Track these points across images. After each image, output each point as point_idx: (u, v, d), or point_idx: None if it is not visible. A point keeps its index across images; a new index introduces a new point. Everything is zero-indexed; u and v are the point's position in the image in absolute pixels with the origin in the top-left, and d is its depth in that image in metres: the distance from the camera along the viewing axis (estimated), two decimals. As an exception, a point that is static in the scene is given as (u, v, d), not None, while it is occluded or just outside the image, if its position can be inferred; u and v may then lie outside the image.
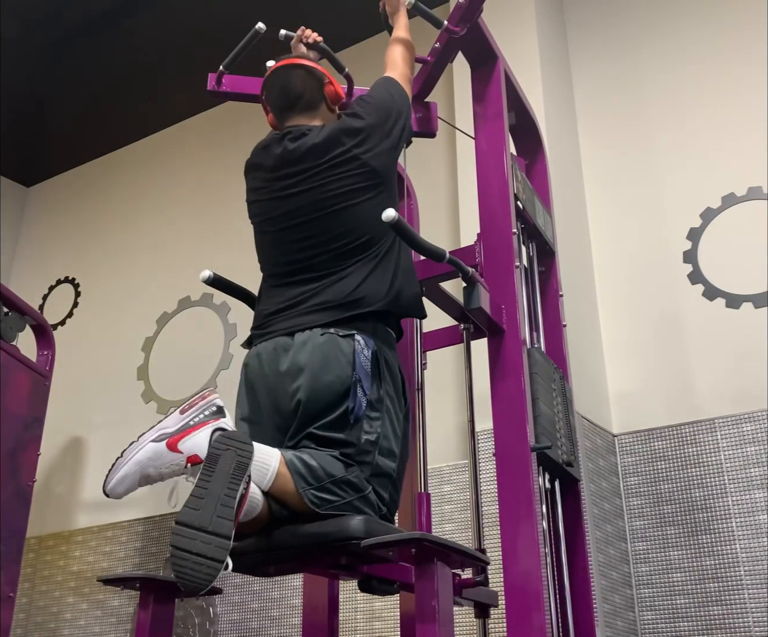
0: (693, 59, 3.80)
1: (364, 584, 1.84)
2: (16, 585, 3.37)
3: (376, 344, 1.77)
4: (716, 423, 3.19)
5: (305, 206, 1.86)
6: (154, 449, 1.48)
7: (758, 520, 3.01)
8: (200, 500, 1.40)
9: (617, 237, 3.70)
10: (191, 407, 1.55)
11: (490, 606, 2.14)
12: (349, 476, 1.64)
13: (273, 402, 1.77)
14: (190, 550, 1.36)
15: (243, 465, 1.45)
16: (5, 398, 3.40)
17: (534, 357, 2.10)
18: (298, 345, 1.74)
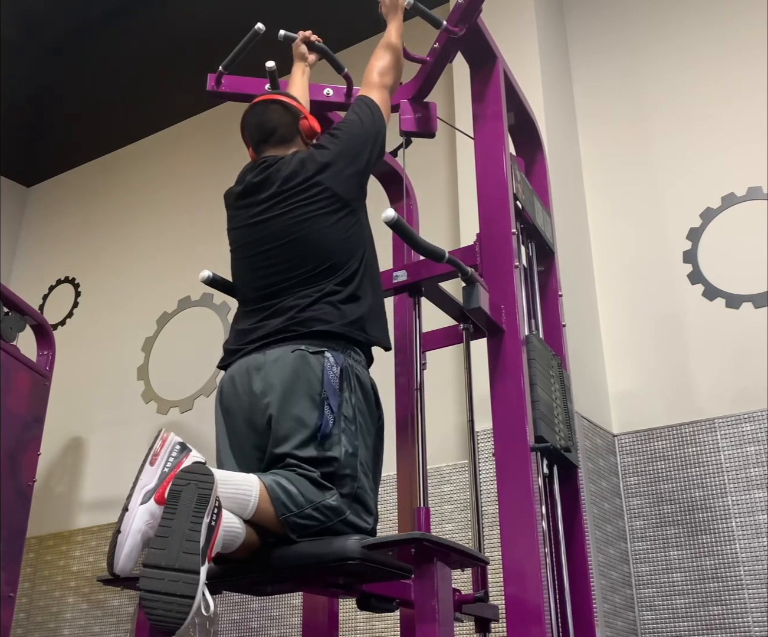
0: (693, 59, 3.80)
1: (363, 603, 1.84)
2: (17, 585, 3.37)
3: (346, 361, 1.79)
4: (716, 423, 3.19)
5: (273, 233, 1.92)
6: (147, 510, 1.48)
7: (758, 520, 3.00)
8: (165, 539, 1.40)
9: (617, 237, 3.70)
10: (157, 455, 1.55)
11: (491, 621, 2.14)
12: (329, 499, 1.65)
13: (248, 421, 1.79)
14: (158, 590, 1.35)
15: (205, 497, 1.44)
16: (5, 398, 3.40)
17: (532, 343, 2.11)
18: (270, 363, 1.77)
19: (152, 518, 1.47)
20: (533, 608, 1.81)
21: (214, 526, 1.45)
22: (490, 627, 2.16)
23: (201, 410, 4.45)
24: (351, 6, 4.43)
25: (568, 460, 2.21)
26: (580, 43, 4.12)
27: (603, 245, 3.73)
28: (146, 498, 1.49)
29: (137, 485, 1.50)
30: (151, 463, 1.54)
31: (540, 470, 2.08)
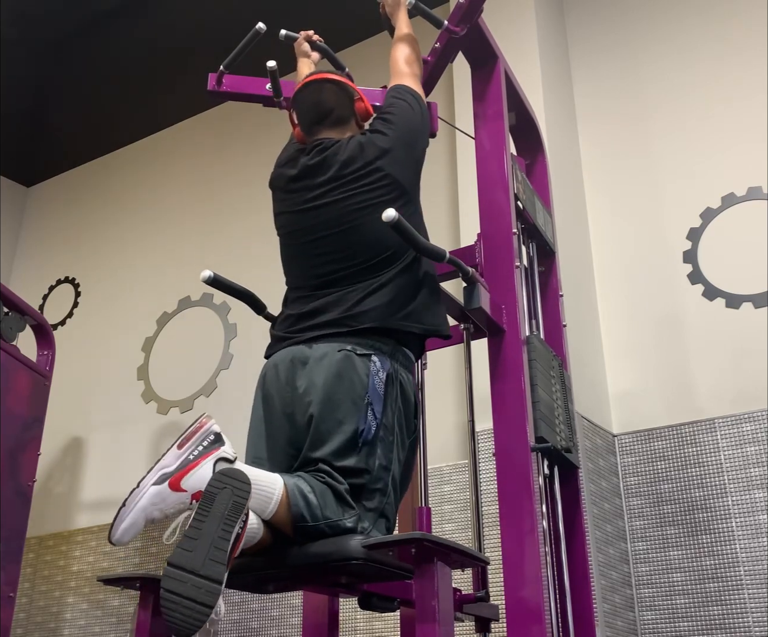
0: (693, 59, 3.80)
1: (364, 602, 1.83)
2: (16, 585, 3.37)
3: (393, 366, 1.74)
4: (716, 423, 3.19)
5: (329, 220, 1.85)
6: (157, 492, 1.44)
7: (758, 520, 3.01)
8: (193, 541, 1.37)
9: (617, 237, 3.70)
10: (188, 439, 1.50)
11: (491, 621, 2.13)
12: (347, 521, 1.61)
13: (287, 414, 1.75)
14: (180, 593, 1.33)
15: (239, 506, 1.41)
16: (5, 398, 3.40)
17: (533, 344, 2.10)
18: (315, 360, 1.72)
19: (161, 500, 1.44)
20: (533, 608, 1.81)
21: (241, 533, 1.43)
22: (491, 627, 2.15)
23: (201, 410, 4.45)
24: (351, 6, 4.43)
25: (568, 460, 2.21)
26: (581, 43, 4.13)
27: (603, 245, 3.73)
28: (161, 480, 1.45)
29: (158, 464, 1.46)
30: (179, 446, 1.49)
31: (541, 470, 2.08)
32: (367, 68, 3.95)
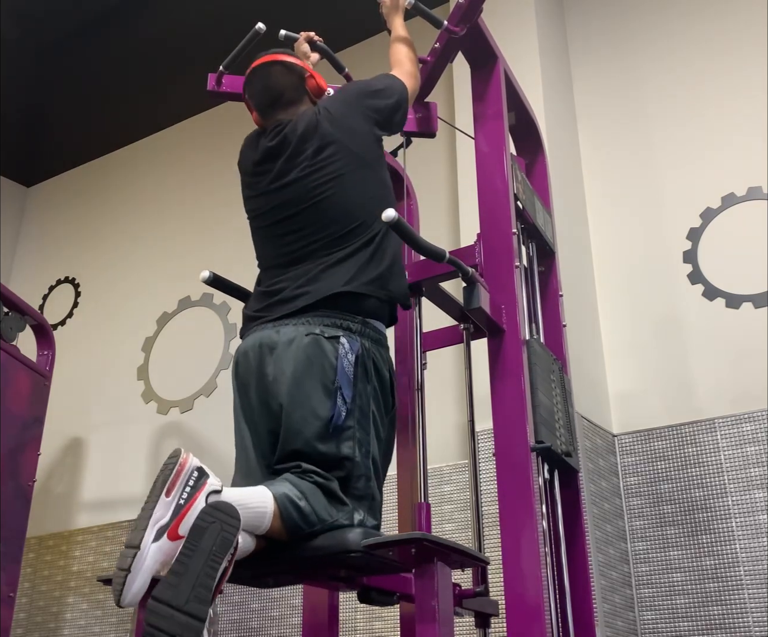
0: (693, 59, 3.80)
1: (364, 596, 1.83)
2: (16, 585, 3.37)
3: (363, 345, 1.74)
4: (716, 423, 3.19)
5: (292, 199, 1.87)
6: (158, 548, 1.42)
7: (758, 520, 3.01)
8: (179, 577, 1.35)
9: (617, 237, 3.70)
10: (174, 484, 1.46)
11: (491, 616, 2.13)
12: (342, 519, 1.61)
13: (263, 402, 1.75)
14: (163, 629, 1.32)
15: (227, 541, 1.40)
16: (5, 398, 3.40)
17: (533, 348, 2.10)
18: (283, 345, 1.72)
19: (164, 555, 1.42)
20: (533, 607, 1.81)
21: (228, 566, 1.42)
22: (490, 622, 2.15)
23: (201, 410, 4.45)
24: (351, 6, 4.43)
25: (568, 464, 2.21)
26: (581, 43, 4.13)
27: (603, 245, 3.73)
28: (159, 535, 1.42)
29: (151, 519, 1.43)
30: (167, 493, 1.45)
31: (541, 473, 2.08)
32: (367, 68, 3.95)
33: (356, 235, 1.82)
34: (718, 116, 3.64)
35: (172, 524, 1.43)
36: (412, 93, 2.08)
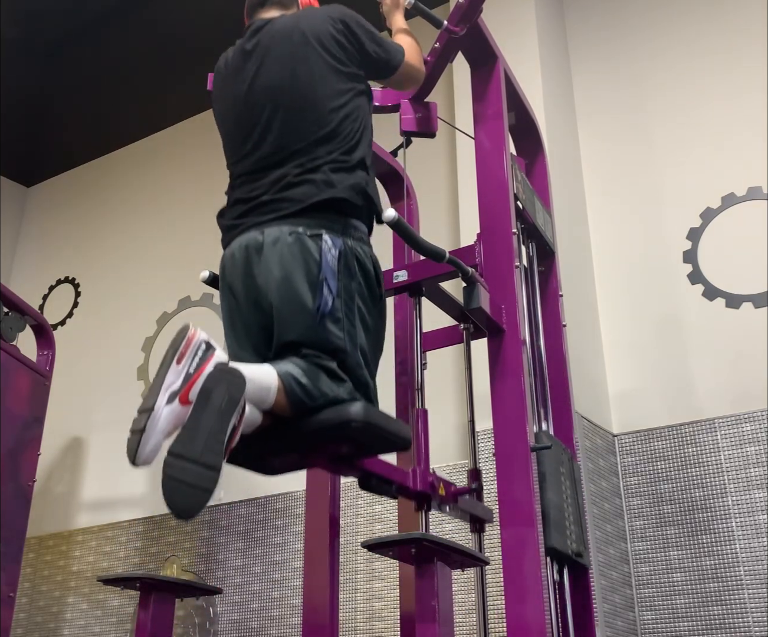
0: (693, 59, 3.80)
1: (364, 482, 1.87)
2: (17, 585, 3.37)
3: (345, 242, 1.77)
4: (716, 423, 3.19)
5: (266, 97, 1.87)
6: (170, 411, 1.49)
7: (758, 520, 3.01)
8: (192, 432, 1.44)
9: (617, 237, 3.70)
10: (183, 355, 1.54)
11: (485, 521, 2.16)
12: (342, 394, 1.66)
13: (253, 301, 1.79)
14: (180, 479, 1.40)
15: (234, 399, 1.48)
16: (5, 398, 3.40)
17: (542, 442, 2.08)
18: (269, 244, 1.75)
19: (176, 418, 1.49)
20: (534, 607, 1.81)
21: (237, 425, 1.49)
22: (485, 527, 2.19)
23: (201, 410, 4.44)
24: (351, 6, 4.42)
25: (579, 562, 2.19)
26: (580, 43, 4.12)
27: (603, 245, 3.73)
28: (171, 399, 1.50)
29: (163, 385, 1.51)
30: (177, 361, 1.53)
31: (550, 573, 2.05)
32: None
33: (330, 140, 1.82)
34: (718, 116, 3.64)
35: (183, 389, 1.50)
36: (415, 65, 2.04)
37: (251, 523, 3.95)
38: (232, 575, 3.89)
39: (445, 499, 2.03)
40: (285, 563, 3.76)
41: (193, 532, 4.12)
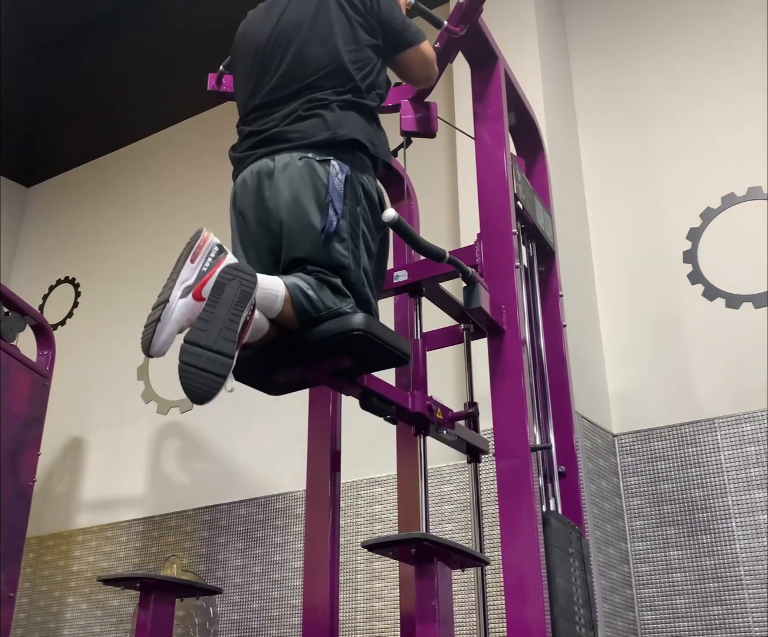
0: (693, 59, 3.80)
1: (366, 401, 1.92)
2: (16, 585, 3.37)
3: (352, 169, 1.85)
4: (716, 423, 3.19)
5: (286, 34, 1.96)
6: (184, 304, 1.58)
7: (758, 520, 3.01)
8: (207, 323, 1.52)
9: (617, 237, 3.70)
10: (197, 254, 1.62)
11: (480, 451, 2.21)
12: (345, 307, 1.75)
13: (262, 223, 1.87)
14: (196, 365, 1.49)
15: (246, 294, 1.56)
16: (5, 398, 3.40)
17: (550, 525, 2.02)
18: (279, 169, 1.83)
19: (189, 311, 1.57)
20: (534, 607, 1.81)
21: (248, 320, 1.58)
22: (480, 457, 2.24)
23: (201, 410, 4.44)
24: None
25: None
26: (581, 43, 4.12)
27: (603, 245, 3.73)
28: (185, 293, 1.58)
29: (177, 280, 1.59)
30: (192, 260, 1.61)
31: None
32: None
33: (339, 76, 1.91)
34: (718, 116, 3.64)
35: (196, 285, 1.60)
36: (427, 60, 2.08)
37: (251, 523, 3.95)
38: (232, 575, 3.89)
39: (442, 423, 2.08)
40: (285, 563, 3.76)
41: (193, 532, 4.12)
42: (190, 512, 4.16)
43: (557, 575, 2.00)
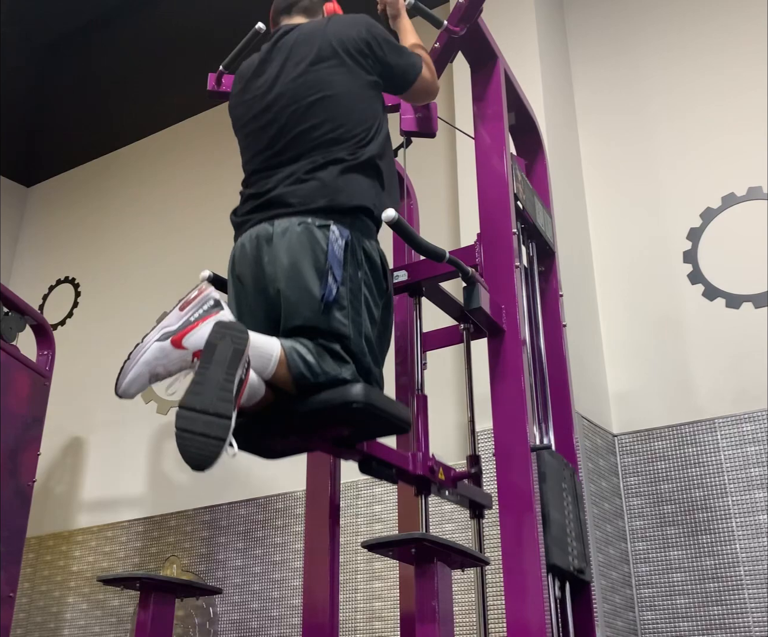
0: (693, 59, 3.80)
1: (365, 465, 1.88)
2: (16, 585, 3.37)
3: (353, 234, 1.79)
4: (716, 423, 3.19)
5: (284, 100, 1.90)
6: (160, 348, 1.51)
7: (758, 520, 3.00)
8: (201, 385, 1.45)
9: (617, 237, 3.70)
10: (189, 303, 1.57)
11: (484, 507, 2.17)
12: (344, 374, 1.68)
13: (260, 289, 1.81)
14: (193, 430, 1.42)
15: (239, 352, 1.49)
16: (5, 398, 3.40)
17: (543, 460, 2.07)
18: (278, 235, 1.78)
19: (163, 356, 1.51)
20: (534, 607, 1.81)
21: (244, 379, 1.51)
22: (484, 513, 2.19)
23: (201, 410, 4.44)
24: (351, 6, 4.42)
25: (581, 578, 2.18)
26: (581, 43, 4.12)
27: (603, 245, 3.73)
28: (163, 338, 1.52)
29: (160, 324, 1.53)
30: (180, 308, 1.56)
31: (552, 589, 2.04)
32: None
33: (342, 140, 1.85)
34: (719, 116, 3.64)
35: (177, 332, 1.53)
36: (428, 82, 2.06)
37: (251, 523, 3.95)
38: (232, 575, 3.89)
39: (444, 483, 2.03)
40: (285, 563, 3.76)
41: (193, 532, 4.12)
42: (190, 512, 4.16)
43: (551, 506, 2.02)
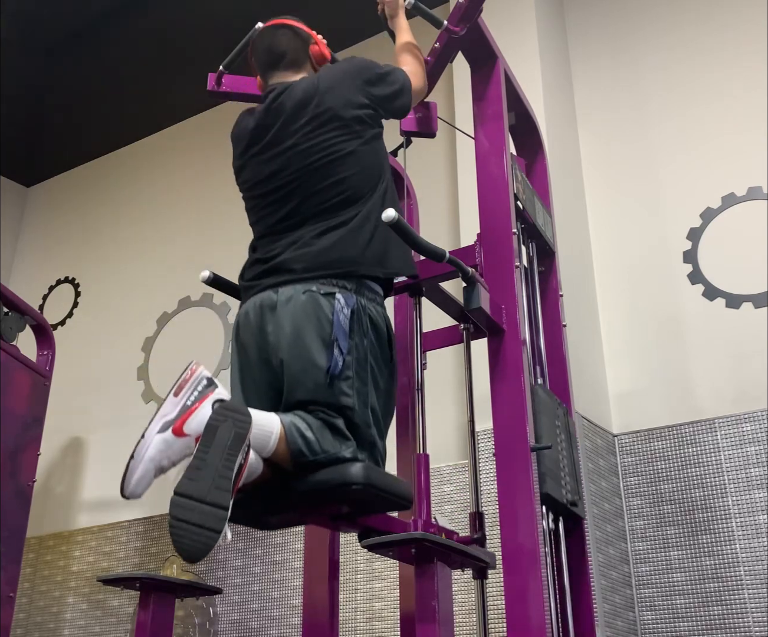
0: (693, 59, 3.80)
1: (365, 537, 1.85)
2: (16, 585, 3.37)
3: (358, 301, 1.77)
4: (716, 423, 3.19)
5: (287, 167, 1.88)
6: (162, 440, 1.48)
7: (758, 520, 3.00)
8: (198, 471, 1.41)
9: (617, 237, 3.70)
10: (182, 387, 1.54)
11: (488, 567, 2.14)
12: (344, 452, 1.65)
13: (264, 359, 1.79)
14: (188, 520, 1.38)
15: (241, 436, 1.46)
16: (5, 398, 3.40)
17: (538, 395, 2.09)
18: (282, 304, 1.76)
19: (167, 448, 1.47)
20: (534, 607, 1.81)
21: (243, 464, 1.48)
22: (487, 574, 2.17)
23: (201, 410, 4.44)
24: (351, 6, 4.43)
25: (574, 512, 2.20)
26: (581, 43, 4.12)
27: (603, 245, 3.73)
28: (164, 428, 1.48)
29: (158, 414, 1.50)
30: (175, 393, 1.53)
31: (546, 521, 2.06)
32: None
33: (349, 203, 1.84)
34: (719, 116, 3.64)
35: (177, 420, 1.49)
36: (418, 90, 2.07)
37: (251, 523, 3.95)
38: (232, 575, 3.89)
39: None
40: (285, 563, 3.76)
41: (193, 532, 4.12)
42: (190, 512, 4.16)
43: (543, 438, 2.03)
